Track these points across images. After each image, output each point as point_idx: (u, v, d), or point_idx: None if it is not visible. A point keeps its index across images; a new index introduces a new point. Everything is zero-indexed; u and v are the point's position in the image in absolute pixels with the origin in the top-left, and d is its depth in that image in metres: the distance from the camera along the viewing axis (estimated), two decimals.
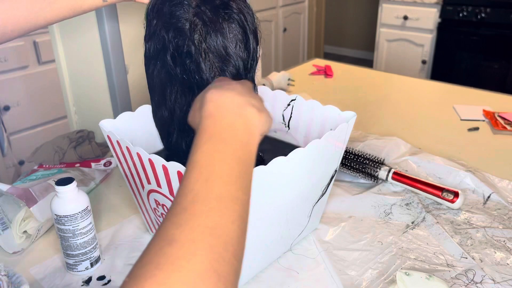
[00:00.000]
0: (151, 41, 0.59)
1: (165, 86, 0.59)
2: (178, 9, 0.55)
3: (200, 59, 0.55)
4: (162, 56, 0.58)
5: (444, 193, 0.77)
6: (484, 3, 2.57)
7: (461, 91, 1.35)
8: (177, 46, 0.56)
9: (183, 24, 0.55)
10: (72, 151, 0.94)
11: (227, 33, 0.56)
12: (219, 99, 0.43)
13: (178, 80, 0.58)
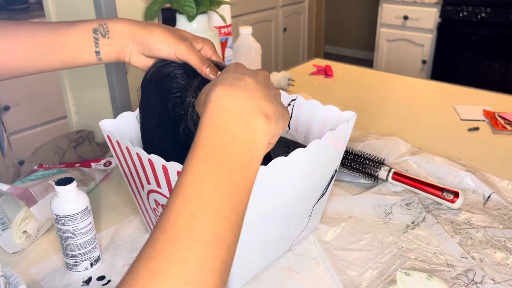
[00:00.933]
0: (150, 111, 0.60)
1: (163, 149, 0.59)
2: (178, 87, 0.57)
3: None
4: (163, 126, 0.59)
5: (444, 193, 0.77)
6: (484, 3, 2.57)
7: (461, 91, 1.35)
8: (179, 119, 0.57)
9: (182, 99, 0.57)
10: (72, 151, 0.94)
11: None
12: (225, 102, 0.37)
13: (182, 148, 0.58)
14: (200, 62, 0.59)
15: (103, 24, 0.61)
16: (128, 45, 0.62)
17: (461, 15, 2.66)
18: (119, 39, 0.61)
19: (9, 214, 0.68)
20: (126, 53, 0.62)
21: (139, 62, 0.63)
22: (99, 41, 0.61)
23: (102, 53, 0.62)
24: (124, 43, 0.62)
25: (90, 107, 1.13)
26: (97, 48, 0.61)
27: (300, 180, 0.61)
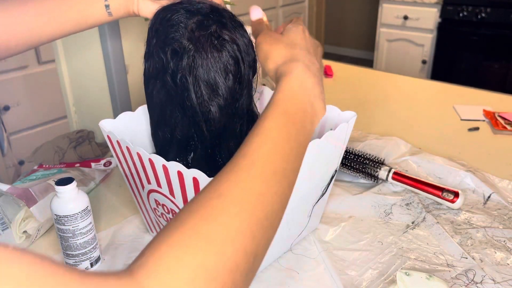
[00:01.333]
0: (150, 60, 0.58)
1: (165, 106, 0.58)
2: (174, 31, 0.54)
3: (190, 85, 0.54)
4: (162, 76, 0.56)
5: (444, 193, 0.77)
6: (484, 3, 2.57)
7: (461, 91, 1.35)
8: (175, 67, 0.55)
9: (178, 46, 0.54)
10: (72, 151, 0.94)
11: (216, 63, 0.54)
12: (305, 80, 0.44)
13: (178, 100, 0.57)
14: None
15: None
16: None
17: (461, 15, 2.65)
18: None
19: (9, 214, 0.68)
20: (133, 2, 0.62)
21: (147, 9, 0.62)
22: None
23: (112, 6, 0.62)
24: None
25: (90, 107, 1.13)
26: (106, 1, 0.61)
27: (300, 180, 0.60)
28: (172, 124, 0.58)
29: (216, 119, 0.56)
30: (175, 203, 0.58)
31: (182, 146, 0.59)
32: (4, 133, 1.30)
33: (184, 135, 0.58)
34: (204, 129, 0.57)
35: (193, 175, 0.51)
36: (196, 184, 0.52)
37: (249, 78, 0.58)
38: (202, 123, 0.56)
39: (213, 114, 0.56)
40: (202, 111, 0.56)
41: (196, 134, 0.58)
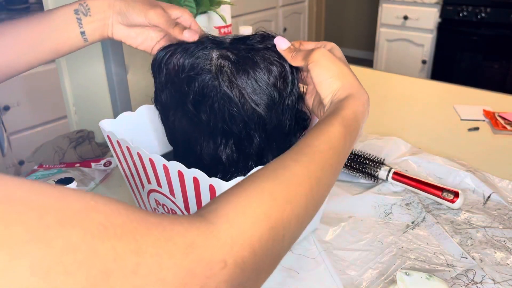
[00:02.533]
0: (166, 91, 0.58)
1: (188, 135, 0.58)
2: (198, 59, 0.55)
3: (232, 99, 0.54)
4: (182, 105, 0.56)
5: (444, 193, 0.77)
6: (484, 3, 2.57)
7: (461, 91, 1.35)
8: (200, 92, 0.55)
9: (205, 69, 0.54)
10: (72, 151, 0.94)
11: (259, 65, 0.54)
12: (365, 110, 0.51)
13: (204, 126, 0.56)
14: (167, 23, 0.61)
15: (82, 3, 0.62)
16: (109, 18, 0.63)
17: (461, 15, 2.65)
18: (100, 13, 0.63)
19: None
20: (108, 26, 0.64)
21: (121, 33, 0.65)
22: (82, 21, 0.62)
23: (87, 33, 0.63)
24: (105, 17, 0.63)
25: (90, 107, 1.13)
26: (81, 29, 0.63)
27: None
28: (199, 150, 0.58)
29: (267, 120, 0.56)
30: (175, 203, 0.58)
31: (210, 169, 0.58)
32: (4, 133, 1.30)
33: (212, 159, 0.58)
34: (256, 136, 0.56)
35: (193, 175, 0.51)
36: (197, 184, 0.52)
37: (294, 75, 0.57)
38: (254, 131, 0.56)
39: (264, 115, 0.56)
40: (250, 118, 0.55)
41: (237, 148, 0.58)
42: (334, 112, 0.48)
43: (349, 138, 0.47)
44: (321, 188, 0.42)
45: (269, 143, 0.57)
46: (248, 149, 0.57)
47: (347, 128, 0.47)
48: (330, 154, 0.44)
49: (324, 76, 0.51)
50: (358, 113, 0.49)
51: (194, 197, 0.54)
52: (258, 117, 0.55)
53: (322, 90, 0.52)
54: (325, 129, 0.46)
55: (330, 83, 0.51)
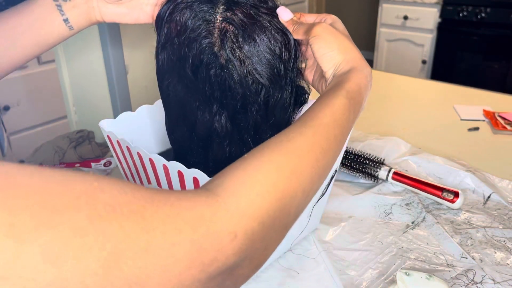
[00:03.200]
0: (165, 52, 0.54)
1: (183, 102, 0.55)
2: (200, 20, 0.51)
3: (234, 68, 0.51)
4: (179, 69, 0.53)
5: (444, 193, 0.77)
6: (484, 3, 2.57)
7: (461, 91, 1.35)
8: (199, 58, 0.52)
9: (207, 33, 0.51)
10: (72, 151, 0.94)
11: (266, 33, 0.52)
12: (368, 82, 0.51)
13: (200, 94, 0.53)
14: None
15: None
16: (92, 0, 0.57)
17: (461, 15, 2.65)
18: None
19: None
20: (93, 8, 0.57)
21: (110, 13, 0.58)
22: (63, 7, 0.56)
23: (71, 19, 0.57)
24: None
25: (90, 107, 1.13)
26: (64, 16, 0.56)
27: None
28: (193, 119, 0.55)
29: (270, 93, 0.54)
30: None
31: (206, 141, 0.56)
32: (4, 133, 1.30)
33: (207, 130, 0.55)
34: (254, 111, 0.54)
35: (193, 175, 0.51)
36: (196, 184, 0.52)
37: (296, 46, 0.55)
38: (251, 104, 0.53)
39: (267, 87, 0.53)
40: (251, 90, 0.53)
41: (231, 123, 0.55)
42: (338, 85, 0.48)
43: (353, 110, 0.47)
44: (326, 160, 0.42)
45: (267, 117, 0.56)
46: (244, 122, 0.55)
47: (351, 101, 0.46)
48: (334, 126, 0.43)
49: (326, 50, 0.51)
50: (361, 86, 0.49)
51: None
52: (260, 90, 0.53)
53: (324, 64, 0.51)
54: (329, 102, 0.45)
55: (332, 56, 0.51)
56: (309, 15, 0.57)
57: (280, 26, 0.53)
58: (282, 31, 0.53)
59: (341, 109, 0.45)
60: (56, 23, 0.56)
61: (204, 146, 0.57)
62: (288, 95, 0.56)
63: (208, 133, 0.55)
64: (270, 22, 0.53)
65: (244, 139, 0.56)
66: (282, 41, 0.53)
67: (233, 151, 0.56)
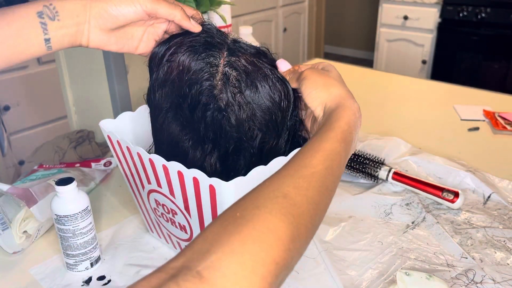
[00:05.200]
0: (163, 90, 0.55)
1: (176, 140, 0.56)
2: (204, 62, 0.53)
3: (232, 112, 0.53)
4: (176, 108, 0.54)
5: (444, 193, 0.77)
6: (484, 3, 2.57)
7: (461, 91, 1.35)
8: (198, 98, 0.53)
9: (210, 75, 0.52)
10: (72, 151, 0.94)
11: (267, 81, 0.53)
12: (358, 119, 0.50)
13: (194, 133, 0.54)
14: (171, 8, 0.54)
15: (48, 5, 0.50)
16: (85, 23, 0.52)
17: (461, 15, 2.65)
18: (73, 18, 0.51)
19: (9, 214, 0.68)
20: (82, 33, 0.53)
21: (98, 40, 0.54)
22: (48, 26, 0.51)
23: (53, 40, 0.51)
24: (79, 22, 0.52)
25: (90, 107, 1.13)
26: (46, 35, 0.51)
27: None
28: (184, 155, 0.56)
29: (265, 139, 0.55)
30: (175, 203, 0.58)
31: None
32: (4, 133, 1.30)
33: (199, 166, 0.56)
34: (247, 155, 0.55)
35: (193, 175, 0.51)
36: (196, 184, 0.52)
37: (295, 95, 0.57)
38: (245, 151, 0.55)
39: (263, 134, 0.54)
40: (247, 135, 0.54)
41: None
42: (327, 124, 0.48)
43: (344, 155, 0.46)
44: (318, 215, 0.40)
45: (260, 161, 0.54)
46: (235, 164, 0.56)
47: (342, 144, 0.46)
48: (326, 174, 0.42)
49: (311, 89, 0.52)
50: (351, 124, 0.48)
51: (194, 197, 0.54)
52: (256, 135, 0.54)
53: (311, 102, 0.52)
54: (320, 146, 0.44)
55: (317, 94, 0.51)
56: (305, 65, 0.58)
57: (280, 75, 0.55)
58: (282, 80, 0.55)
59: (333, 154, 0.44)
60: (35, 42, 0.51)
61: None
62: (283, 142, 0.57)
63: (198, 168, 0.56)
64: (271, 70, 0.54)
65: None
66: (282, 89, 0.54)
67: None
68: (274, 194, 0.37)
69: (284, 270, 0.34)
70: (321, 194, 0.40)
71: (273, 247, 0.33)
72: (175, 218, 0.61)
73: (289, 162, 0.42)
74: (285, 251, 0.34)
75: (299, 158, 0.43)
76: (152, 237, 0.72)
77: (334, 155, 0.44)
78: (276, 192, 0.37)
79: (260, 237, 0.33)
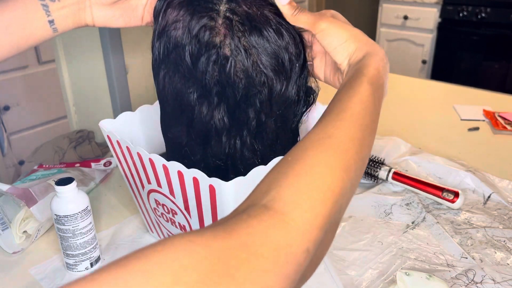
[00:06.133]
0: (161, 40, 0.53)
1: (180, 94, 0.53)
2: (204, 8, 0.50)
3: (238, 58, 0.51)
4: (176, 58, 0.52)
5: (444, 193, 0.77)
6: (484, 3, 2.57)
7: (461, 91, 1.35)
8: (200, 46, 0.50)
9: (210, 20, 0.50)
10: (72, 151, 0.94)
11: (271, 24, 0.51)
12: (386, 64, 0.50)
13: (198, 84, 0.52)
14: None
15: None
16: (85, 0, 0.52)
17: (461, 15, 2.65)
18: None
19: (9, 214, 0.68)
20: (85, 11, 0.53)
21: (104, 17, 0.54)
22: (50, 7, 0.51)
23: (57, 21, 0.52)
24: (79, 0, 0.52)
25: (90, 107, 1.13)
26: (50, 17, 0.51)
27: None
28: (190, 113, 0.54)
29: (274, 85, 0.53)
30: (175, 203, 0.58)
31: (204, 138, 0.55)
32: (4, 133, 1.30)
33: (205, 126, 0.54)
34: (257, 103, 0.53)
35: (193, 175, 0.51)
36: (196, 184, 0.52)
37: (301, 38, 0.55)
38: (254, 98, 0.52)
39: (271, 79, 0.52)
40: (255, 81, 0.52)
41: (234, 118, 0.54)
42: (357, 72, 0.47)
43: (377, 96, 0.47)
44: (364, 150, 0.42)
45: (271, 111, 0.53)
46: (244, 116, 0.53)
47: (373, 86, 0.46)
48: (365, 114, 0.44)
49: (337, 42, 0.51)
50: (380, 70, 0.48)
51: (194, 197, 0.54)
52: (264, 81, 0.52)
53: (338, 57, 0.51)
54: (354, 90, 0.45)
55: (345, 47, 0.50)
56: (309, 13, 0.56)
57: (284, 20, 0.53)
58: (287, 23, 0.53)
59: (367, 95, 0.45)
60: (40, 25, 0.51)
61: (202, 143, 0.56)
62: (292, 90, 0.55)
63: (206, 129, 0.54)
64: (274, 14, 0.52)
65: (243, 136, 0.55)
66: (287, 32, 0.53)
67: (232, 148, 0.55)
68: (319, 137, 0.39)
69: (341, 198, 0.36)
70: (362, 131, 0.42)
71: (326, 176, 0.35)
72: (175, 218, 0.61)
73: (327, 110, 0.43)
74: (338, 180, 0.36)
75: (336, 105, 0.44)
76: (152, 237, 0.72)
77: (368, 96, 0.45)
78: (321, 134, 0.39)
79: (312, 169, 0.35)
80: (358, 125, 0.42)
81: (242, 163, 0.56)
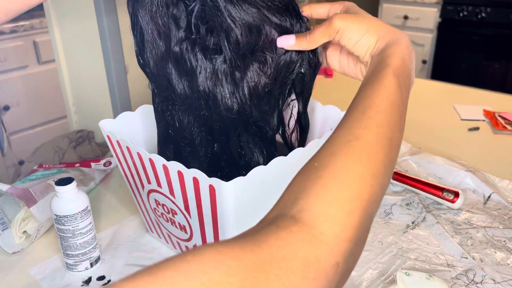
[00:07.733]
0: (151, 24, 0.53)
1: (165, 34, 0.53)
2: None
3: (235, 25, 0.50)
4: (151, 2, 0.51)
5: (444, 193, 0.77)
6: (484, 3, 2.57)
7: (461, 91, 1.35)
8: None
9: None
10: (72, 151, 0.94)
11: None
12: (410, 52, 0.48)
13: (186, 28, 0.51)
14: None
15: None
16: None
17: (461, 15, 2.65)
18: None
19: (9, 214, 0.68)
20: None
21: None
22: None
23: None
24: None
25: (90, 107, 1.13)
26: None
27: None
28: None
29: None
30: (175, 203, 0.58)
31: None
32: (4, 133, 1.30)
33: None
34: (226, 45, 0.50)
35: (193, 175, 0.51)
36: (196, 184, 0.52)
37: None
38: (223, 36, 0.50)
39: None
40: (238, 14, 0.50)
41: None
42: (381, 63, 0.46)
43: (404, 88, 0.44)
44: (394, 149, 0.40)
45: (242, 61, 0.51)
46: (216, 58, 0.51)
47: (399, 77, 0.44)
48: (392, 110, 0.42)
49: (357, 37, 0.49)
50: (405, 57, 0.46)
51: (194, 197, 0.54)
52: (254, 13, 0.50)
53: (360, 50, 0.50)
54: (379, 84, 0.43)
55: (366, 40, 0.49)
56: (320, 6, 0.54)
57: None
58: None
59: (393, 89, 0.43)
60: None
61: (186, 74, 0.54)
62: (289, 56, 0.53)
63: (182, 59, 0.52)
64: None
65: (220, 80, 0.52)
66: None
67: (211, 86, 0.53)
68: (346, 139, 0.38)
69: (371, 205, 0.35)
70: (391, 129, 0.40)
71: (354, 184, 0.34)
72: (175, 218, 0.61)
73: (352, 107, 0.42)
74: (367, 186, 0.35)
75: (361, 102, 0.42)
76: (152, 237, 0.72)
77: (394, 90, 0.43)
78: (348, 136, 0.38)
79: (340, 177, 0.34)
80: (386, 123, 0.40)
81: (222, 106, 0.53)
